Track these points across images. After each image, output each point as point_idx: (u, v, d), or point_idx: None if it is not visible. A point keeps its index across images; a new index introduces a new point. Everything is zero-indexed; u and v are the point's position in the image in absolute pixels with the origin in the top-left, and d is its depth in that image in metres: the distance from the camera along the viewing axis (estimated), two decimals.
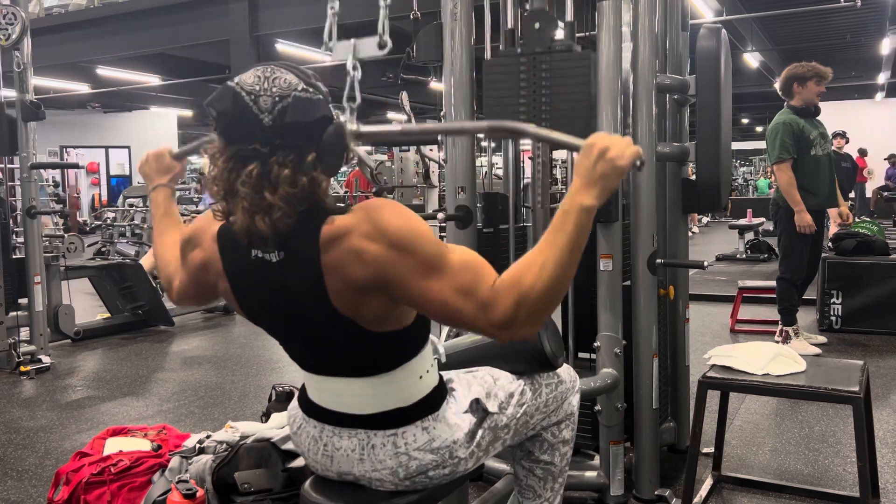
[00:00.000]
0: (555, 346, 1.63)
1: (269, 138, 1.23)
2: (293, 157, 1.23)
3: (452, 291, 1.22)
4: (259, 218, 1.23)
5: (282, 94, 1.23)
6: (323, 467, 1.48)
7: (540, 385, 1.64)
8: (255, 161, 1.23)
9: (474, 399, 1.49)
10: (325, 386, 1.44)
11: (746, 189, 22.83)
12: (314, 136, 1.25)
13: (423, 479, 1.43)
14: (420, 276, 1.23)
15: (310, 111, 1.24)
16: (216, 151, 1.28)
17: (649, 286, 2.40)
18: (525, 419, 1.60)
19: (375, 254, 1.23)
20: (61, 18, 10.37)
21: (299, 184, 1.23)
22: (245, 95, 1.24)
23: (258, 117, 1.23)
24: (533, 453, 1.71)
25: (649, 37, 2.36)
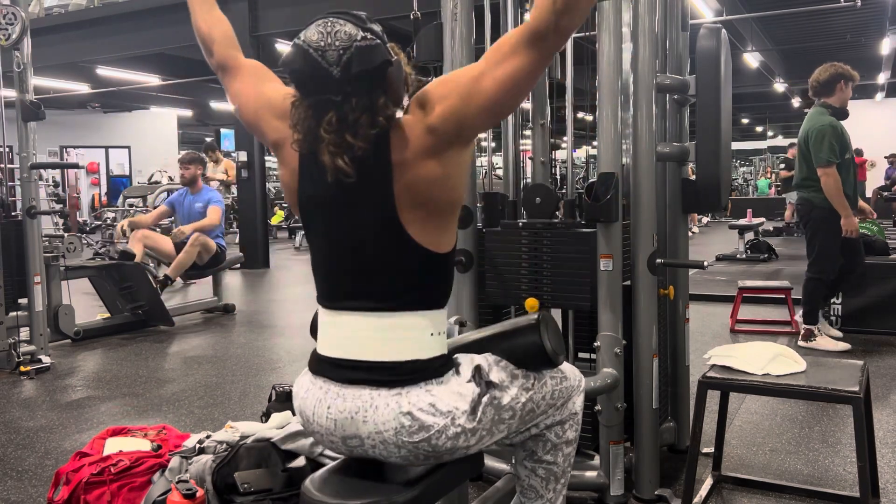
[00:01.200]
0: (555, 343, 1.63)
1: (340, 88, 1.37)
2: (365, 102, 1.38)
3: (501, 69, 1.39)
4: (340, 158, 1.39)
5: (344, 45, 1.36)
6: (327, 432, 1.50)
7: (544, 376, 1.64)
8: (332, 109, 1.38)
9: (476, 366, 1.52)
10: (343, 324, 1.50)
11: (746, 189, 22.84)
12: (379, 79, 1.39)
13: (426, 445, 1.44)
14: (477, 94, 1.40)
15: (371, 58, 1.38)
16: (295, 101, 1.43)
17: (649, 286, 2.40)
18: (531, 406, 1.59)
19: (440, 114, 1.41)
20: (61, 18, 10.38)
21: (378, 125, 1.40)
22: (313, 52, 1.37)
23: (328, 70, 1.36)
24: (536, 453, 1.71)
25: (649, 37, 2.36)
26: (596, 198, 2.29)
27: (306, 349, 1.59)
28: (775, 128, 28.97)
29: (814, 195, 4.36)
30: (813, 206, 4.38)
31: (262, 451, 2.25)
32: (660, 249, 2.47)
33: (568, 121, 2.63)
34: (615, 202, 2.29)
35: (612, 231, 2.32)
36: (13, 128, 4.58)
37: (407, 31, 2.83)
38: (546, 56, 1.40)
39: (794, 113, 23.47)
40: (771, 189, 21.07)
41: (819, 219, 4.34)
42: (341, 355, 1.50)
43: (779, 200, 15.10)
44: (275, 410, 2.58)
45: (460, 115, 1.41)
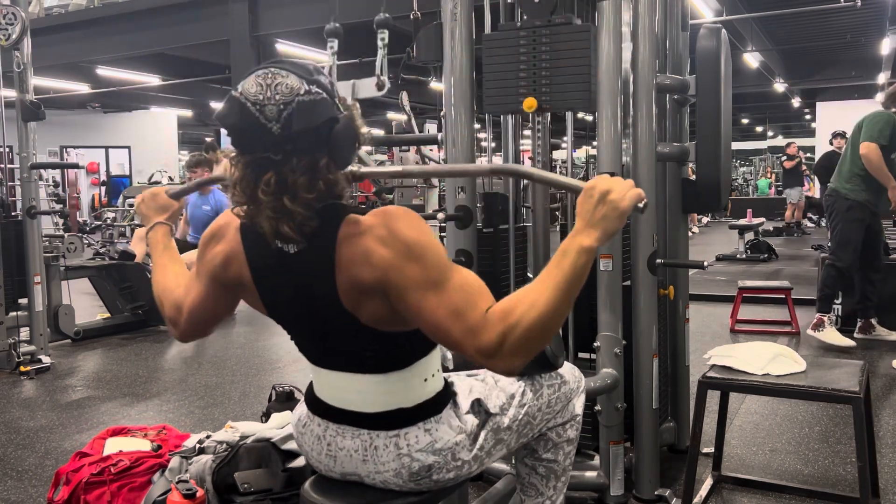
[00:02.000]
0: (555, 346, 1.63)
1: (279, 146, 1.25)
2: (306, 162, 1.27)
3: (445, 311, 1.24)
4: (283, 223, 1.27)
5: (285, 100, 1.24)
6: (326, 468, 1.49)
7: (541, 386, 1.64)
8: (270, 170, 1.26)
9: (475, 400, 1.50)
10: (331, 381, 1.46)
11: (746, 189, 22.83)
12: (323, 137, 1.27)
13: (428, 481, 1.43)
14: (420, 289, 1.25)
15: (315, 115, 1.25)
16: (234, 156, 1.32)
17: (649, 286, 2.39)
18: (527, 419, 1.60)
19: (385, 257, 1.26)
20: (61, 18, 10.37)
21: (316, 189, 1.28)
22: (250, 106, 1.25)
23: (266, 127, 1.24)
24: (536, 451, 1.71)
25: (649, 37, 2.36)
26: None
27: None
28: (775, 128, 28.97)
29: (842, 185, 4.53)
30: (838, 196, 4.54)
31: (262, 451, 2.25)
32: (660, 249, 2.47)
33: (568, 121, 2.63)
34: None
35: None
36: (13, 128, 4.58)
37: (407, 32, 2.83)
38: (469, 356, 1.25)
39: (793, 113, 23.48)
40: (771, 189, 21.07)
41: (843, 208, 4.51)
42: (335, 404, 1.46)
43: (779, 200, 15.10)
44: (275, 410, 2.58)
45: (391, 281, 1.26)
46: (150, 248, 1.73)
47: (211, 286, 1.51)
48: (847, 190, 4.49)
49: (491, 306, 1.24)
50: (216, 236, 1.48)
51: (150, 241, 1.73)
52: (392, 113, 17.88)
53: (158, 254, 1.70)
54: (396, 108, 15.27)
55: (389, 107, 16.87)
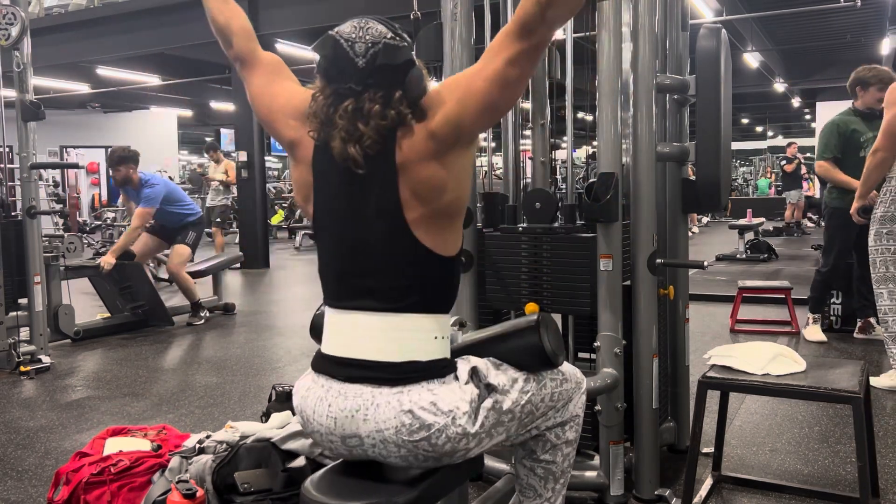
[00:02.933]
0: (555, 344, 1.63)
1: (362, 78, 1.43)
2: (382, 94, 1.43)
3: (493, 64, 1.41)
4: (352, 145, 1.43)
5: (374, 40, 1.44)
6: (327, 431, 1.50)
7: (544, 377, 1.64)
8: (351, 97, 1.44)
9: (472, 367, 1.52)
10: (349, 323, 1.51)
11: (746, 189, 22.83)
12: (400, 77, 1.44)
13: (426, 444, 1.44)
14: (475, 91, 1.42)
15: (397, 56, 1.44)
16: (317, 90, 1.49)
17: (649, 286, 2.40)
18: (530, 408, 1.60)
19: (440, 120, 1.44)
20: (61, 18, 10.37)
21: (388, 117, 1.43)
22: (343, 42, 1.44)
23: (353, 60, 1.43)
24: (535, 452, 1.71)
25: (649, 37, 2.36)
26: (596, 198, 2.29)
27: (306, 349, 1.59)
28: (775, 128, 28.98)
29: (826, 193, 4.77)
30: (826, 204, 4.76)
31: (262, 451, 2.25)
32: (660, 249, 2.47)
33: (568, 121, 2.63)
34: (615, 202, 2.29)
35: (612, 231, 2.32)
36: (13, 128, 4.58)
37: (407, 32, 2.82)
38: (535, 49, 1.41)
39: (793, 113, 23.48)
40: (771, 189, 21.07)
41: (826, 215, 4.72)
42: (345, 354, 1.51)
43: (779, 200, 15.10)
44: (275, 410, 2.58)
45: (458, 119, 1.43)
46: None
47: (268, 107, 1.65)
48: (828, 198, 4.67)
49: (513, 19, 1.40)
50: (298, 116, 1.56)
51: None
52: None
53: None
54: None
55: None
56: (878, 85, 4.45)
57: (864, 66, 4.61)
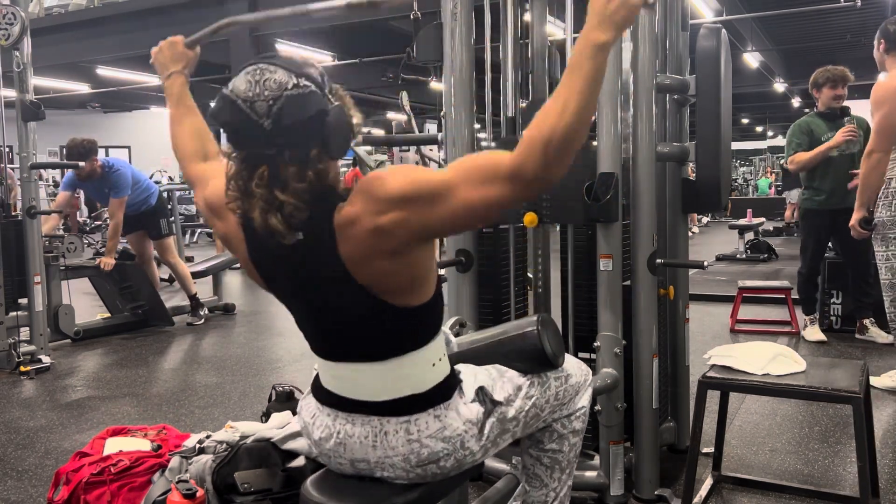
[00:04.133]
0: (555, 346, 1.64)
1: (272, 140, 1.28)
2: (298, 154, 1.29)
3: (475, 191, 1.28)
4: (272, 215, 1.31)
5: (274, 95, 1.27)
6: (336, 455, 1.50)
7: (548, 378, 1.64)
8: (264, 163, 1.30)
9: (479, 387, 1.51)
10: (339, 373, 1.48)
11: (746, 189, 22.83)
12: (314, 129, 1.29)
13: (434, 468, 1.44)
14: (441, 206, 1.29)
15: (304, 108, 1.28)
16: (228, 153, 1.36)
17: (649, 286, 2.39)
18: (535, 412, 1.60)
19: (394, 220, 1.29)
20: (61, 18, 10.36)
21: (307, 178, 1.30)
22: (241, 103, 1.29)
23: (257, 123, 1.28)
24: (541, 442, 1.71)
25: (649, 37, 2.35)
26: (596, 198, 2.29)
27: (306, 349, 1.58)
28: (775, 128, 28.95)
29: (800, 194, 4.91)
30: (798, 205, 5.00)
31: (262, 451, 2.25)
32: (660, 249, 2.47)
33: None
34: (615, 202, 2.29)
35: (612, 231, 2.32)
36: (13, 128, 4.58)
37: (407, 31, 2.82)
38: (523, 196, 1.31)
39: (794, 113, 23.43)
40: (771, 189, 21.05)
41: (800, 216, 4.97)
42: (344, 394, 1.48)
43: (779, 200, 15.08)
44: (275, 410, 2.58)
45: (418, 223, 1.30)
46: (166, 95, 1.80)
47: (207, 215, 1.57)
48: (801, 199, 4.80)
49: (508, 154, 1.29)
50: (215, 211, 1.50)
51: (166, 90, 1.80)
52: (392, 113, 17.88)
53: (173, 106, 1.78)
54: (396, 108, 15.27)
55: (389, 107, 16.87)
56: (829, 84, 4.56)
57: (818, 69, 4.69)
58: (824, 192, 4.54)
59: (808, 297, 4.81)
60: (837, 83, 4.54)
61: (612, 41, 1.28)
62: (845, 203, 4.46)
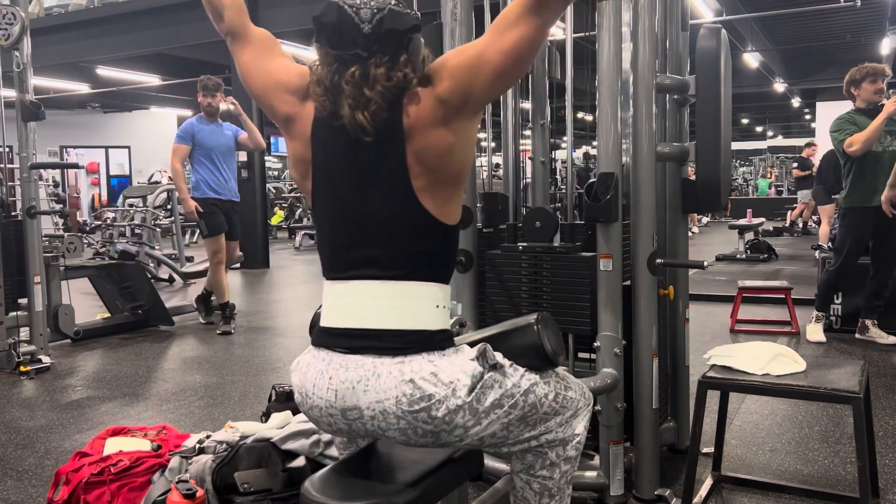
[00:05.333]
0: (555, 344, 1.63)
1: (368, 44, 1.44)
2: (388, 59, 1.45)
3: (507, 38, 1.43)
4: (359, 111, 1.44)
5: (379, 6, 1.45)
6: (327, 405, 1.50)
7: (549, 376, 1.63)
8: (356, 64, 1.45)
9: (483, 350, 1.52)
10: (350, 293, 1.52)
11: (746, 189, 22.83)
12: (405, 42, 1.46)
13: (425, 416, 1.43)
14: (484, 68, 1.45)
15: (403, 21, 1.46)
16: (319, 57, 1.50)
17: (649, 286, 2.39)
18: (533, 399, 1.56)
19: (447, 88, 1.45)
20: (61, 18, 10.37)
21: (394, 79, 1.45)
22: (347, 8, 1.45)
23: (359, 27, 1.44)
24: (533, 467, 1.68)
25: (649, 37, 2.36)
26: (596, 198, 2.29)
27: (306, 349, 1.59)
28: (775, 128, 28.98)
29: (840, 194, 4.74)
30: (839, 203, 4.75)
31: (262, 451, 2.25)
32: (660, 249, 2.47)
33: (568, 121, 2.63)
34: (615, 202, 2.29)
35: (612, 231, 2.32)
36: (13, 128, 4.58)
37: None
38: (548, 22, 1.44)
39: (793, 113, 23.47)
40: (771, 189, 21.06)
41: (840, 216, 4.74)
42: (346, 324, 1.51)
43: (779, 200, 15.08)
44: (275, 410, 2.58)
45: (468, 87, 1.45)
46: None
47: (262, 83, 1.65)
48: (841, 198, 4.68)
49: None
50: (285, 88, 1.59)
51: None
52: None
53: None
54: None
55: None
56: (869, 78, 4.50)
57: (853, 68, 4.63)
58: (871, 189, 4.45)
59: (825, 295, 4.79)
60: (878, 77, 4.49)
61: None
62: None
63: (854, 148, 4.38)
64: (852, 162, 4.48)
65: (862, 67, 4.56)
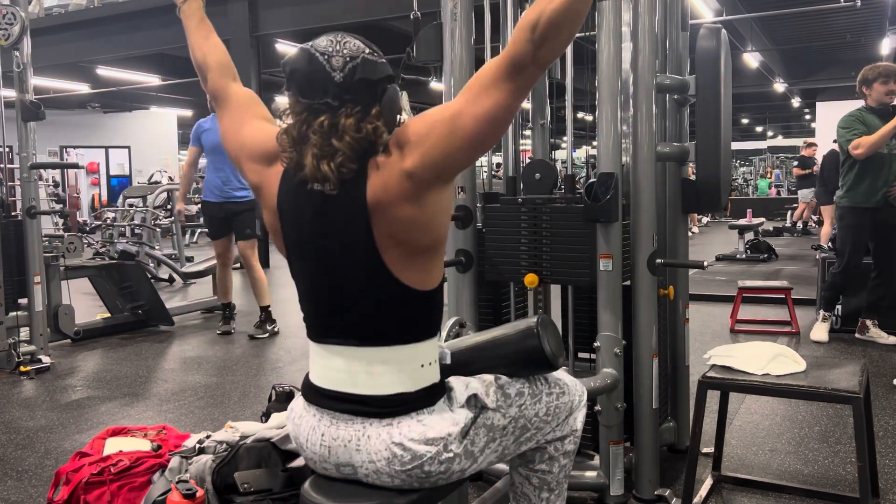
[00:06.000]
0: (555, 346, 1.63)
1: (339, 93, 1.39)
2: (359, 109, 1.39)
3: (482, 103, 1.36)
4: (325, 162, 1.37)
5: (352, 55, 1.40)
6: (321, 459, 1.50)
7: (540, 392, 1.63)
8: (326, 113, 1.39)
9: (472, 395, 1.52)
10: (332, 357, 1.49)
11: (746, 189, 22.83)
12: (378, 92, 1.41)
13: (419, 472, 1.44)
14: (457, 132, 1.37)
15: (376, 71, 1.41)
16: (289, 106, 1.44)
17: (649, 286, 2.39)
18: (524, 423, 1.59)
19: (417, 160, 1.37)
20: (61, 18, 10.37)
21: (364, 130, 1.38)
22: (319, 56, 1.40)
23: (330, 75, 1.38)
24: (532, 462, 1.69)
25: (649, 37, 2.36)
26: (596, 198, 2.29)
27: (306, 349, 1.59)
28: (775, 128, 28.97)
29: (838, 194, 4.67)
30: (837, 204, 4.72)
31: (262, 451, 2.25)
32: (660, 249, 2.47)
33: (568, 121, 2.63)
34: (615, 202, 2.29)
35: (612, 231, 2.32)
36: (13, 128, 4.58)
37: (407, 31, 2.82)
38: (524, 88, 1.37)
39: (793, 113, 23.48)
40: (771, 189, 21.05)
41: (838, 216, 4.70)
42: (331, 387, 1.49)
43: (779, 200, 15.07)
44: (275, 410, 2.58)
45: (440, 157, 1.38)
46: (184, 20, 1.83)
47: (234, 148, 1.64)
48: (839, 198, 4.64)
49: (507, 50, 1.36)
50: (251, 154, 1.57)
51: (184, 15, 1.82)
52: None
53: (195, 25, 1.82)
54: None
55: None
56: (882, 79, 4.47)
57: (866, 66, 4.61)
58: (871, 189, 4.43)
59: (831, 296, 4.75)
60: (890, 78, 4.46)
61: None
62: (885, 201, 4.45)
63: (859, 151, 4.35)
64: (854, 161, 4.45)
65: (875, 67, 4.54)
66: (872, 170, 4.41)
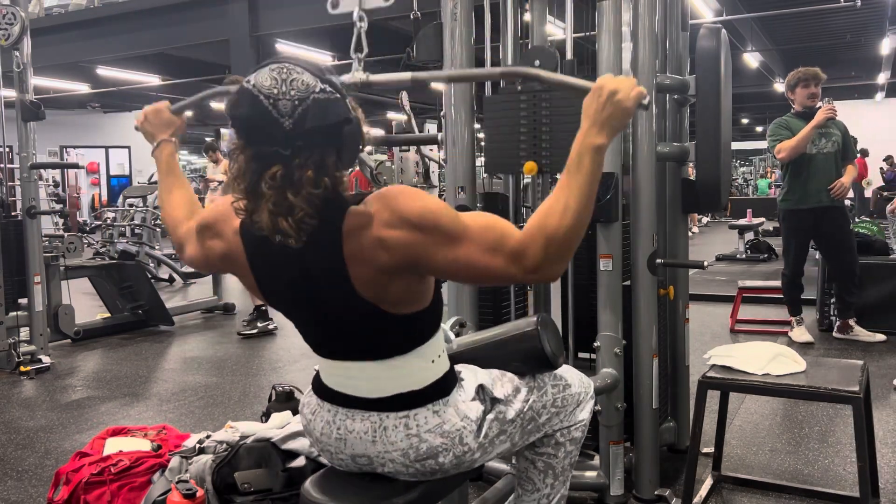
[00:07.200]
0: (555, 346, 1.63)
1: (290, 141, 1.24)
2: (315, 159, 1.26)
3: (480, 252, 1.28)
4: (282, 219, 1.26)
5: (301, 96, 1.23)
6: (336, 450, 1.50)
7: (545, 384, 1.64)
8: (278, 163, 1.25)
9: (479, 385, 1.52)
10: (340, 370, 1.48)
11: (746, 189, 22.82)
12: (334, 137, 1.27)
13: (432, 463, 1.44)
14: (446, 248, 1.29)
15: (329, 113, 1.25)
16: (236, 149, 1.30)
17: (649, 286, 2.39)
18: (532, 415, 1.60)
19: (399, 239, 1.28)
20: (61, 18, 10.37)
21: (322, 185, 1.27)
22: (263, 99, 1.24)
23: (278, 121, 1.23)
24: (538, 445, 1.71)
25: (649, 37, 2.36)
26: (596, 198, 2.28)
27: (306, 349, 1.59)
28: None
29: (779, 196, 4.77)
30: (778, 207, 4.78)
31: (262, 451, 2.25)
32: (660, 249, 2.47)
33: None
34: (615, 202, 2.29)
35: (612, 231, 2.32)
36: (13, 128, 4.58)
37: (407, 31, 2.82)
38: (520, 278, 1.32)
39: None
40: (771, 189, 21.04)
41: (780, 218, 4.77)
42: (343, 391, 1.48)
43: None
44: (275, 410, 2.58)
45: (422, 252, 1.29)
46: (156, 166, 1.75)
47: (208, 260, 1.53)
48: (780, 201, 4.71)
49: (517, 231, 1.30)
50: (211, 229, 1.47)
51: (155, 159, 1.75)
52: (392, 113, 17.87)
53: (164, 174, 1.73)
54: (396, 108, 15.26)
55: (389, 107, 16.87)
56: (802, 83, 4.58)
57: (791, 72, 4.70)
58: (805, 191, 4.50)
59: (793, 298, 4.75)
60: (810, 82, 4.56)
61: (607, 144, 1.34)
62: (825, 202, 4.49)
63: (782, 155, 4.47)
64: (787, 164, 4.53)
65: (797, 72, 4.62)
66: (803, 171, 4.49)
